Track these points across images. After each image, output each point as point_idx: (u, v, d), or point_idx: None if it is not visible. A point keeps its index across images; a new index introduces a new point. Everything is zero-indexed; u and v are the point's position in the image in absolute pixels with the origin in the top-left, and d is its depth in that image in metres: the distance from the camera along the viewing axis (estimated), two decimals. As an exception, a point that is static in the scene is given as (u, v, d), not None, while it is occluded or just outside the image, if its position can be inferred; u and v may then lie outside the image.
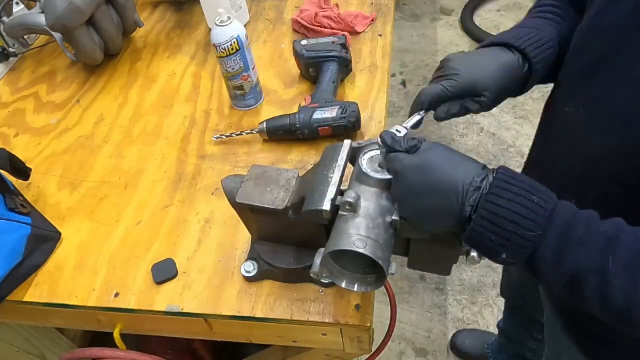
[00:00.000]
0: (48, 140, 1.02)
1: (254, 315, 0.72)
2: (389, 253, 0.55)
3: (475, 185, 0.48)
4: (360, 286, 0.59)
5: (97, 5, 1.04)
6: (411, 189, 0.51)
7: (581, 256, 0.45)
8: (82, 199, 0.90)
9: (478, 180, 0.48)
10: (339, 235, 0.55)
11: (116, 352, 0.72)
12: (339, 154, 0.62)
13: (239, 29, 0.90)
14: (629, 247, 0.44)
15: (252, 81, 0.96)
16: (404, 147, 0.53)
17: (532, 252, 0.47)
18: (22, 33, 1.19)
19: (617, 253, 0.44)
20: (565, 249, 0.46)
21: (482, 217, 0.47)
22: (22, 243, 0.77)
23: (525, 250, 0.47)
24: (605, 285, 0.44)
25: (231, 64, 0.91)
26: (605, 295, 0.44)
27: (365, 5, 1.22)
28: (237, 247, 0.79)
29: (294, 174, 0.66)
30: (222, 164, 0.92)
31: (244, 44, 0.91)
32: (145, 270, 0.78)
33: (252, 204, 0.64)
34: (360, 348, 0.76)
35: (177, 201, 0.87)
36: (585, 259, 0.45)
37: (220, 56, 0.91)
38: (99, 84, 1.13)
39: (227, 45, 0.89)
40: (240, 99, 0.99)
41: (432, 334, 1.64)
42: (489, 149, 2.10)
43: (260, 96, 1.01)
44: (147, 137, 1.00)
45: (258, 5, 1.27)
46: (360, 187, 0.58)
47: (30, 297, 0.78)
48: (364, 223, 0.54)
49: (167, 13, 1.31)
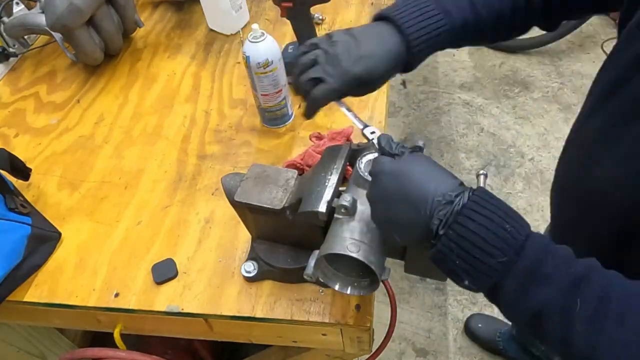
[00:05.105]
0: (48, 140, 1.02)
1: (254, 315, 0.72)
2: (382, 258, 0.55)
3: (447, 199, 0.46)
4: (354, 289, 0.59)
5: (97, 5, 1.04)
6: (384, 194, 0.50)
7: (546, 294, 0.42)
8: (82, 199, 0.90)
9: (452, 195, 0.46)
10: (333, 238, 0.55)
11: (116, 352, 0.72)
12: (338, 156, 0.62)
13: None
14: (598, 292, 0.41)
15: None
16: (393, 152, 0.52)
17: (496, 282, 0.44)
18: (22, 33, 1.19)
19: (585, 296, 0.41)
20: (531, 284, 0.43)
21: (449, 238, 0.45)
22: (22, 243, 0.77)
23: (488, 278, 0.44)
24: (567, 328, 0.42)
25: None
26: (567, 339, 0.42)
27: (365, 5, 1.22)
28: (237, 247, 0.79)
29: (293, 174, 0.66)
30: (222, 164, 0.92)
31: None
32: (145, 270, 0.78)
33: (250, 202, 0.64)
34: (360, 348, 0.76)
35: (177, 201, 0.87)
36: (551, 297, 0.42)
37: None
38: (99, 84, 1.13)
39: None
40: (278, 118, 0.96)
41: (432, 334, 1.64)
42: (489, 149, 2.10)
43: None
44: (147, 137, 1.00)
45: (258, 5, 1.27)
46: (358, 190, 0.58)
47: (30, 297, 0.78)
48: (359, 227, 0.54)
49: (167, 13, 1.31)
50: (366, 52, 0.59)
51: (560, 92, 2.28)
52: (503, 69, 2.41)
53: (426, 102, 2.33)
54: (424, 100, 2.34)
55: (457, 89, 2.37)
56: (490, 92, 2.33)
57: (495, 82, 2.36)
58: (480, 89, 2.35)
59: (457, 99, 2.32)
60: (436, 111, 2.29)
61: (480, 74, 2.41)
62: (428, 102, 2.33)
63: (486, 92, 2.33)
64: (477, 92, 2.34)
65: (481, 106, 2.27)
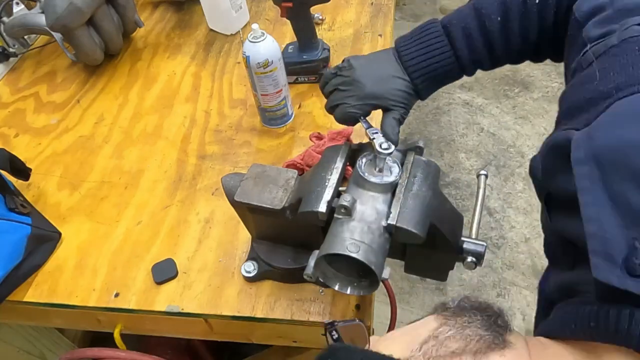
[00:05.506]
0: (48, 140, 1.02)
1: (254, 315, 0.72)
2: (382, 258, 0.55)
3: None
4: (353, 289, 0.59)
5: (97, 5, 1.04)
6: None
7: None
8: (82, 199, 0.90)
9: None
10: (333, 238, 0.54)
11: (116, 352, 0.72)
12: (338, 155, 0.62)
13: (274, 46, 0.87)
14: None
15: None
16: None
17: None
18: (22, 33, 1.19)
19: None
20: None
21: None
22: (22, 243, 0.77)
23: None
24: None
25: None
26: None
27: (365, 5, 1.22)
28: (237, 247, 0.79)
29: (293, 174, 0.66)
30: (222, 164, 0.92)
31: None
32: (145, 270, 0.78)
33: (250, 202, 0.64)
34: (360, 348, 0.76)
35: (177, 201, 0.87)
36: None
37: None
38: (99, 84, 1.13)
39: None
40: (278, 118, 0.96)
41: (432, 334, 1.64)
42: (489, 149, 2.10)
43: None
44: (147, 137, 1.00)
45: (258, 5, 1.27)
46: (357, 190, 0.58)
47: (30, 297, 0.78)
48: (359, 227, 0.54)
49: (167, 13, 1.31)
50: (382, 75, 0.63)
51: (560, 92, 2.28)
52: (503, 69, 2.39)
53: (426, 102, 2.33)
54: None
55: (457, 89, 2.37)
56: (490, 92, 2.33)
57: (495, 82, 2.37)
58: (480, 89, 2.35)
59: (457, 99, 2.32)
60: (436, 111, 2.29)
61: (480, 74, 2.40)
62: (428, 102, 2.33)
63: (486, 92, 2.33)
64: (477, 92, 2.34)
65: (481, 106, 2.27)
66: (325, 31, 1.16)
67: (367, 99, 0.63)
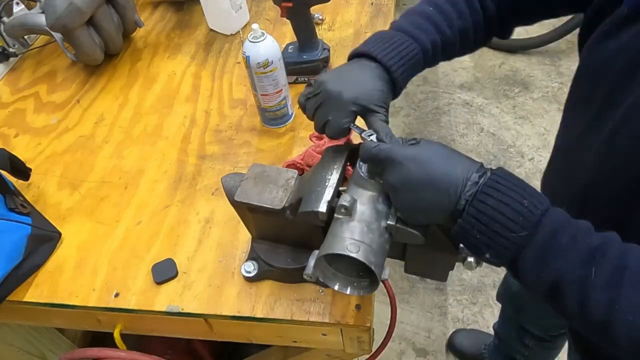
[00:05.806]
0: (48, 140, 1.02)
1: (254, 315, 0.72)
2: (382, 258, 0.55)
3: (473, 181, 0.48)
4: (353, 289, 0.59)
5: (97, 5, 1.04)
6: (409, 179, 0.51)
7: (563, 264, 0.45)
8: (82, 199, 0.90)
9: (476, 176, 0.49)
10: (333, 238, 0.54)
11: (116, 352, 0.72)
12: (339, 155, 0.62)
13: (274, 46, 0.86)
14: (614, 262, 0.43)
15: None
16: (402, 143, 0.55)
17: (515, 255, 0.47)
18: (22, 33, 1.19)
19: (601, 266, 0.43)
20: (549, 255, 0.45)
21: (469, 214, 0.48)
22: (22, 243, 0.77)
23: (508, 251, 0.47)
24: (584, 296, 0.44)
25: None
26: (584, 308, 0.44)
27: (365, 5, 1.22)
28: (237, 247, 0.79)
29: (294, 174, 0.66)
30: (222, 164, 0.92)
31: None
32: (145, 270, 0.78)
33: (250, 202, 0.64)
34: (361, 348, 0.76)
35: (177, 201, 0.87)
36: (567, 267, 0.45)
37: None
38: (99, 84, 1.13)
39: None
40: (278, 118, 0.96)
41: (432, 334, 1.64)
42: (489, 149, 2.10)
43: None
44: (147, 137, 1.00)
45: (258, 5, 1.27)
46: (358, 190, 0.57)
47: (30, 297, 0.78)
48: (359, 227, 0.54)
49: (167, 13, 1.31)
50: (357, 80, 0.63)
51: (560, 92, 2.28)
52: (503, 69, 2.41)
53: (426, 102, 2.33)
54: (424, 100, 2.34)
55: (457, 89, 2.37)
56: (490, 92, 2.33)
57: (495, 82, 2.37)
58: (480, 89, 2.35)
59: (457, 99, 2.32)
60: (436, 111, 2.29)
61: (480, 74, 2.41)
62: (428, 102, 2.33)
63: (486, 92, 2.33)
64: (477, 92, 2.34)
65: (481, 106, 2.28)
66: (325, 31, 1.16)
67: (348, 105, 0.61)
